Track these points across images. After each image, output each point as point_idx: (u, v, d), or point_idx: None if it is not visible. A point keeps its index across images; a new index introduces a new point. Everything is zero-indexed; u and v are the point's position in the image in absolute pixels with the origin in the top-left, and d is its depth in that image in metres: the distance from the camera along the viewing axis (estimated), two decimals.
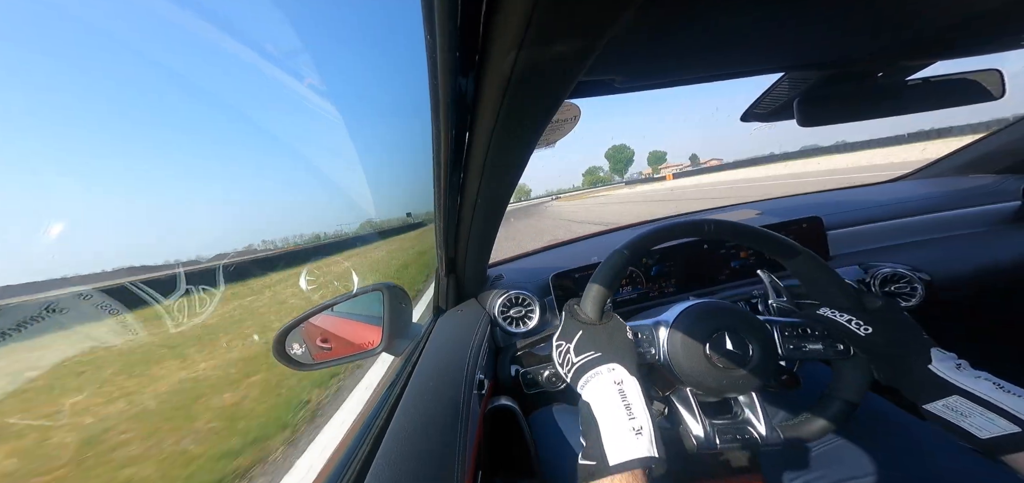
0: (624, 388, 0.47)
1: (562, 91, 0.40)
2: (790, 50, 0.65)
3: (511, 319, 1.11)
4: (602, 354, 0.51)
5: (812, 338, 0.59)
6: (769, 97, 0.79)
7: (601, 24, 0.30)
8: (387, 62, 47.98)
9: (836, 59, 0.68)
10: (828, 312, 0.59)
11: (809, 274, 0.63)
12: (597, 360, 0.50)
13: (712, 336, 0.57)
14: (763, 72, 0.72)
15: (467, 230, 0.81)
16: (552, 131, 0.66)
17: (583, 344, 0.53)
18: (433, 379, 0.72)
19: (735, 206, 1.76)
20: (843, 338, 0.58)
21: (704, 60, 0.64)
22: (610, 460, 0.41)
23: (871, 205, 1.37)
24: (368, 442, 0.57)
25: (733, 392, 0.59)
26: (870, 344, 0.55)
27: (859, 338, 0.55)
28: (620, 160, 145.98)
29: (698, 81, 0.71)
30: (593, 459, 0.43)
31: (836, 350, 0.58)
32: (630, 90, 0.67)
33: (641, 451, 0.41)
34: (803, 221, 1.21)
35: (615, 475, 0.41)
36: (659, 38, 0.52)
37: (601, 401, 0.46)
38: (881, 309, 0.57)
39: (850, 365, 0.59)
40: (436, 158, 0.58)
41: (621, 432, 0.43)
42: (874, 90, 0.75)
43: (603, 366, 0.49)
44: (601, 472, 0.41)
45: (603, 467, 0.41)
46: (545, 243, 1.68)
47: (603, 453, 0.42)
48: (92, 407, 4.16)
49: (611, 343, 0.53)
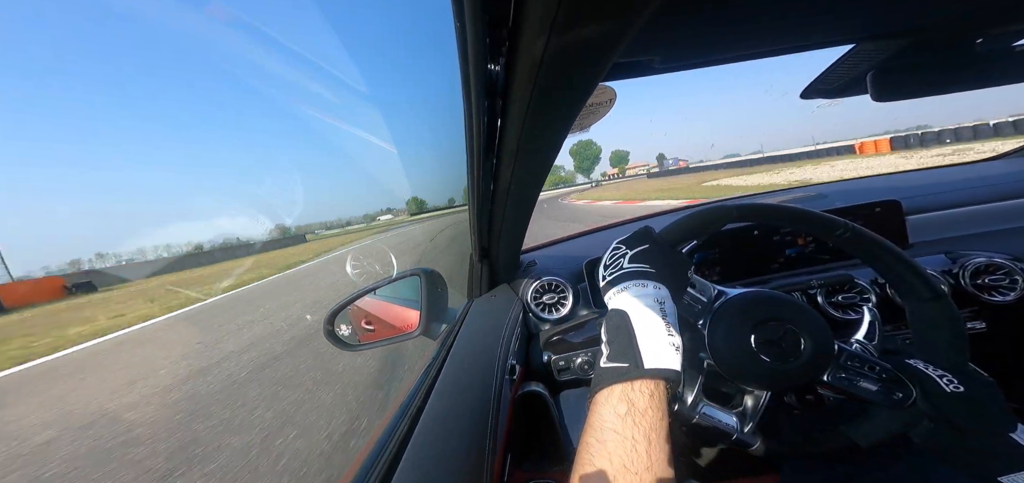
0: (666, 307, 0.46)
1: (596, 74, 0.39)
2: (865, 16, 0.56)
3: (544, 305, 1.11)
4: (656, 272, 0.49)
5: (872, 379, 0.54)
6: (838, 70, 0.71)
7: (637, 2, 0.28)
8: (418, 51, 48.42)
9: (923, 23, 0.58)
10: (919, 365, 0.53)
11: (932, 328, 0.56)
12: (648, 275, 0.49)
13: (763, 325, 0.54)
14: (829, 45, 0.63)
15: (500, 216, 0.82)
16: (586, 115, 0.64)
17: (642, 256, 0.51)
18: (467, 364, 0.74)
19: (794, 189, 1.62)
20: (917, 386, 0.52)
21: (759, 35, 0.58)
22: (646, 363, 0.40)
23: (957, 188, 1.21)
24: (406, 421, 0.60)
25: (759, 384, 0.57)
26: (953, 402, 0.49)
27: (944, 393, 0.49)
28: (587, 157, 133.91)
29: (748, 58, 0.65)
30: (623, 361, 0.41)
31: (891, 398, 0.53)
32: (670, 71, 0.63)
33: (676, 365, 0.41)
34: (877, 204, 1.09)
35: (644, 380, 0.40)
36: (708, 11, 0.47)
37: (640, 310, 0.45)
38: (982, 381, 0.51)
39: (889, 414, 0.54)
40: (469, 145, 0.58)
41: (660, 341, 0.42)
42: (970, 58, 0.64)
43: (651, 282, 0.48)
44: (631, 374, 0.40)
45: (635, 369, 0.40)
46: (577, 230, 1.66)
47: (638, 356, 0.41)
48: None
49: (669, 270, 0.51)
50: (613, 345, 0.44)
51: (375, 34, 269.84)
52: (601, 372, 0.43)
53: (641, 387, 0.40)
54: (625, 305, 0.46)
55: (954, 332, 0.53)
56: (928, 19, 0.57)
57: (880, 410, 0.55)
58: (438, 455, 0.51)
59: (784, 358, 0.53)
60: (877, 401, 0.54)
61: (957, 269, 0.97)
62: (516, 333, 0.91)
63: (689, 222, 0.56)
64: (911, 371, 0.53)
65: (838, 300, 0.98)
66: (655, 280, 0.49)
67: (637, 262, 0.51)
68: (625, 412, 0.39)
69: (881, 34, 0.60)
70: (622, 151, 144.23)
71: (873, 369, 0.54)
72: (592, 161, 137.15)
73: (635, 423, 0.38)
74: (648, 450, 0.37)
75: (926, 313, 0.56)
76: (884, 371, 0.54)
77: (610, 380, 0.41)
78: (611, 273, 0.53)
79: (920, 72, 0.65)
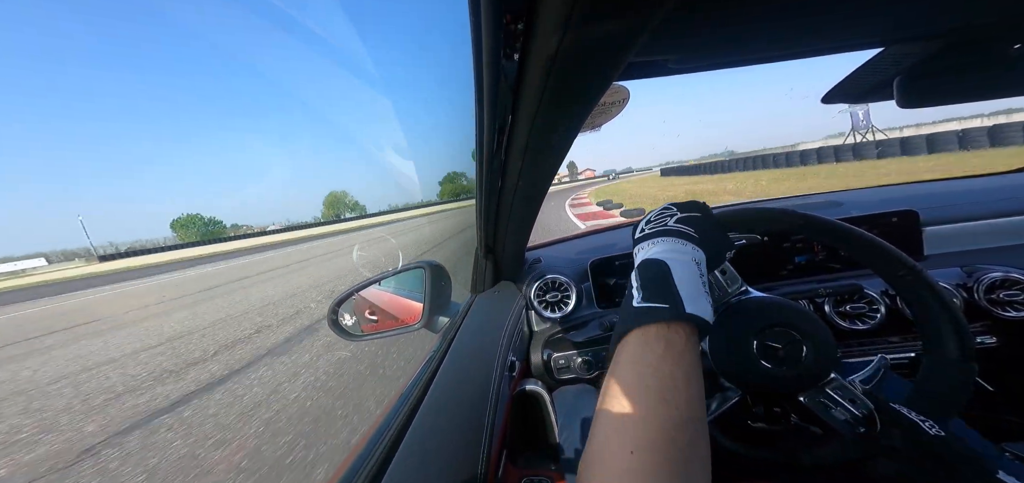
0: (702, 269, 0.45)
1: (610, 73, 0.38)
2: (896, 17, 0.54)
3: (547, 303, 1.10)
4: (700, 239, 0.49)
5: (847, 412, 0.54)
6: (864, 74, 0.68)
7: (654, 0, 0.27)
8: (430, 42, 48.03)
9: (957, 25, 0.56)
10: (903, 409, 0.52)
11: (942, 385, 0.54)
12: (691, 238, 0.48)
13: (766, 331, 0.54)
14: (855, 47, 0.62)
15: (507, 212, 0.81)
16: (598, 114, 0.64)
17: (691, 222, 0.50)
18: (467, 358, 0.74)
19: (812, 195, 1.60)
20: (895, 429, 0.51)
21: (782, 37, 0.56)
22: (687, 307, 0.39)
23: (976, 199, 1.18)
24: (404, 413, 0.60)
25: (744, 387, 0.58)
26: (937, 444, 0.47)
27: (927, 435, 0.48)
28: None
29: (769, 60, 0.63)
30: (664, 302, 0.40)
31: (855, 432, 0.53)
32: (686, 71, 0.62)
33: (711, 317, 0.41)
34: (893, 214, 1.06)
35: (683, 323, 0.39)
36: (729, 11, 0.46)
37: (679, 264, 0.44)
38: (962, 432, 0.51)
39: (845, 441, 0.54)
40: (478, 139, 0.58)
41: (699, 294, 0.42)
42: (1008, 63, 0.60)
43: (691, 244, 0.48)
44: (670, 314, 0.39)
45: (674, 310, 0.39)
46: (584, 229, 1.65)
47: (679, 298, 0.40)
48: None
49: (712, 243, 0.50)
50: (649, 288, 0.42)
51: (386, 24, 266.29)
52: (635, 312, 0.41)
53: (679, 329, 0.39)
54: (663, 255, 0.46)
55: (961, 397, 0.52)
56: (963, 21, 0.55)
57: (839, 437, 0.55)
58: (434, 447, 0.51)
59: (783, 365, 0.53)
60: (840, 430, 0.54)
61: (972, 283, 0.95)
62: (518, 330, 0.90)
63: (750, 215, 0.56)
64: (894, 415, 0.51)
65: (846, 310, 0.96)
66: (695, 244, 0.48)
67: (684, 224, 0.50)
68: (663, 351, 0.38)
69: (911, 37, 0.58)
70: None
71: (854, 403, 0.54)
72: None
73: (675, 361, 0.37)
74: (687, 386, 0.36)
75: (945, 371, 0.54)
76: (863, 409, 0.53)
77: (647, 319, 0.40)
78: (653, 227, 0.51)
79: (951, 77, 0.62)
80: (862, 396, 0.54)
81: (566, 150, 0.58)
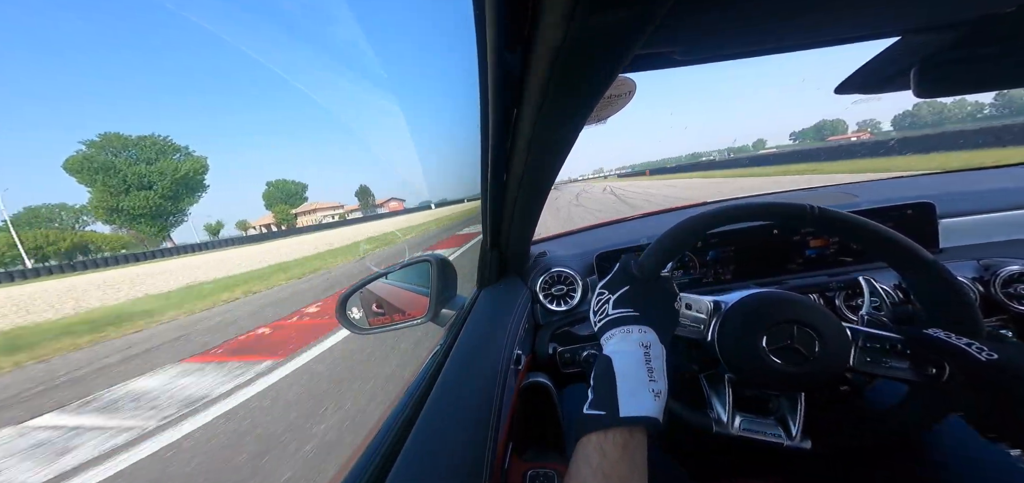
0: (651, 352, 0.45)
1: (616, 65, 0.37)
2: (912, 5, 0.52)
3: (552, 296, 1.11)
4: (640, 315, 0.49)
5: (899, 355, 0.52)
6: (879, 64, 0.67)
7: None
8: (432, 33, 44.87)
9: (975, 15, 0.54)
10: (940, 333, 0.50)
11: (933, 293, 0.54)
12: (632, 319, 0.49)
13: (773, 328, 0.53)
14: (869, 37, 0.59)
15: (512, 205, 0.81)
16: (604, 107, 0.63)
17: (624, 300, 0.52)
18: (473, 351, 0.75)
19: (826, 188, 1.57)
20: (948, 361, 0.49)
21: (793, 27, 0.54)
22: (621, 411, 0.40)
23: (994, 192, 1.15)
24: (411, 406, 0.61)
25: (780, 389, 0.55)
26: (993, 371, 0.45)
27: (979, 362, 0.46)
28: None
29: (779, 51, 0.62)
30: (601, 409, 0.41)
31: (926, 375, 0.50)
32: (693, 63, 0.61)
33: (654, 412, 0.41)
34: (909, 207, 1.05)
35: (621, 429, 0.40)
36: (734, 1, 0.45)
37: (624, 356, 0.45)
38: (1013, 344, 0.49)
39: (932, 393, 0.51)
40: (483, 132, 0.58)
41: (639, 389, 0.42)
42: None
43: (635, 327, 0.48)
44: (605, 422, 0.40)
45: (612, 418, 0.40)
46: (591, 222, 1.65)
47: (615, 404, 0.41)
48: None
49: (654, 307, 0.51)
50: (595, 392, 0.44)
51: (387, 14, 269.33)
52: (581, 420, 0.43)
53: (615, 437, 0.40)
54: (611, 351, 0.47)
55: (958, 294, 0.51)
56: (982, 10, 0.53)
57: (922, 392, 0.53)
58: (441, 439, 0.52)
59: (794, 361, 0.52)
60: (910, 379, 0.51)
61: (988, 276, 0.93)
62: (523, 323, 0.91)
63: (661, 245, 0.55)
64: (937, 344, 0.50)
65: (857, 303, 0.95)
66: (640, 324, 0.49)
67: (621, 306, 0.51)
68: (597, 464, 0.38)
69: (929, 26, 0.56)
70: (296, 183, 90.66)
71: (894, 346, 0.52)
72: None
73: (605, 476, 0.38)
74: None
75: (923, 283, 0.54)
76: (908, 346, 0.51)
77: (587, 428, 0.41)
78: (599, 320, 0.53)
79: (969, 66, 0.60)
80: (897, 334, 0.53)
81: (572, 143, 0.57)
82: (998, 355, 0.45)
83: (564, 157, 0.62)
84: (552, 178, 0.72)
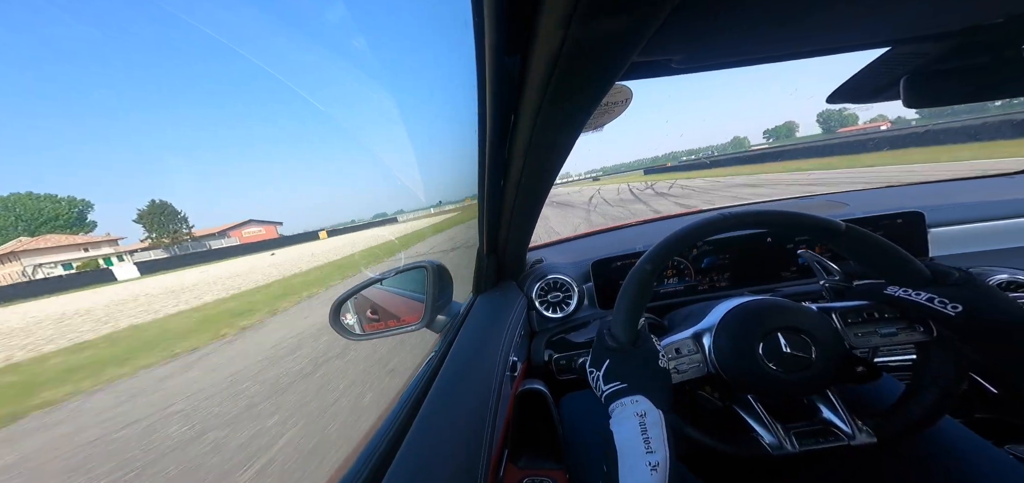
0: (646, 421, 0.46)
1: (614, 72, 0.38)
2: (904, 17, 0.53)
3: (548, 303, 1.10)
4: (628, 385, 0.50)
5: (884, 321, 0.53)
6: (870, 74, 0.67)
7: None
8: (430, 37, 45.19)
9: (966, 26, 0.55)
10: (899, 291, 0.52)
11: (865, 254, 0.56)
12: (622, 391, 0.50)
13: (763, 339, 0.53)
14: (860, 47, 0.61)
15: (509, 211, 0.81)
16: (601, 114, 0.63)
17: (611, 373, 0.52)
18: (469, 357, 0.74)
19: (816, 197, 1.59)
20: (924, 320, 0.51)
21: (788, 36, 0.55)
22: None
23: (983, 202, 1.17)
24: (405, 413, 0.60)
25: (801, 393, 0.55)
26: (963, 324, 0.47)
27: (948, 318, 0.47)
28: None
29: (773, 60, 0.63)
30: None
31: (916, 332, 0.51)
32: (689, 72, 0.62)
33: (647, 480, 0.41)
34: (899, 216, 1.06)
35: None
36: (733, 9, 0.46)
37: (622, 433, 0.46)
38: (965, 281, 0.49)
39: (937, 348, 0.52)
40: (481, 137, 0.58)
41: (637, 463, 0.43)
42: (1016, 64, 0.60)
43: (627, 398, 0.49)
44: None
45: None
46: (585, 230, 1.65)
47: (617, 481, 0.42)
48: None
49: (639, 372, 0.51)
50: (608, 467, 0.45)
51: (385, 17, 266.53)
52: None
53: None
54: (613, 426, 0.48)
55: (889, 253, 0.54)
56: (971, 22, 0.54)
57: (928, 364, 0.54)
58: (435, 446, 0.51)
59: (790, 368, 0.52)
60: (907, 341, 0.52)
61: None
62: (519, 330, 0.90)
63: (622, 305, 0.55)
64: (900, 302, 0.52)
65: None
66: (631, 394, 0.49)
67: (610, 381, 0.52)
68: None
69: (919, 37, 0.57)
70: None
71: (870, 314, 0.54)
72: None
73: None
74: None
75: (851, 247, 0.57)
76: (877, 310, 0.54)
77: None
78: (600, 396, 0.53)
79: (959, 77, 0.62)
80: (867, 302, 0.55)
81: (569, 149, 0.57)
82: (962, 305, 0.47)
83: (561, 163, 0.62)
84: (549, 184, 0.72)
